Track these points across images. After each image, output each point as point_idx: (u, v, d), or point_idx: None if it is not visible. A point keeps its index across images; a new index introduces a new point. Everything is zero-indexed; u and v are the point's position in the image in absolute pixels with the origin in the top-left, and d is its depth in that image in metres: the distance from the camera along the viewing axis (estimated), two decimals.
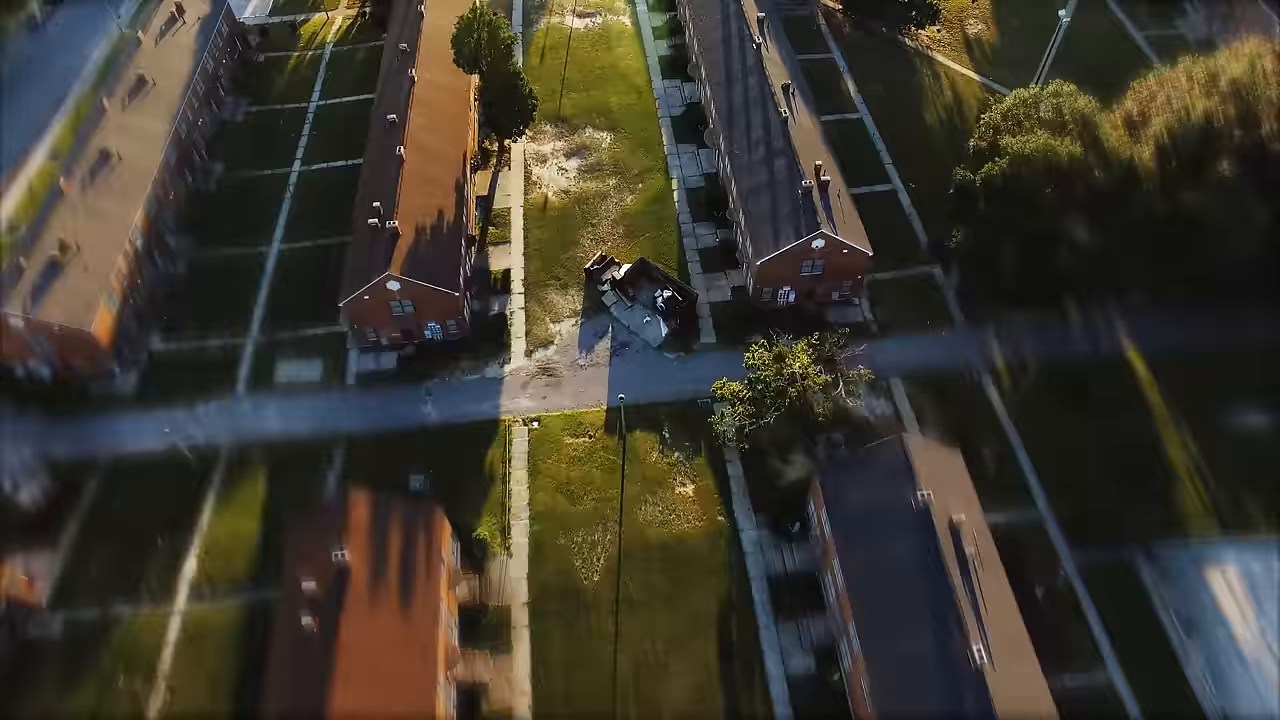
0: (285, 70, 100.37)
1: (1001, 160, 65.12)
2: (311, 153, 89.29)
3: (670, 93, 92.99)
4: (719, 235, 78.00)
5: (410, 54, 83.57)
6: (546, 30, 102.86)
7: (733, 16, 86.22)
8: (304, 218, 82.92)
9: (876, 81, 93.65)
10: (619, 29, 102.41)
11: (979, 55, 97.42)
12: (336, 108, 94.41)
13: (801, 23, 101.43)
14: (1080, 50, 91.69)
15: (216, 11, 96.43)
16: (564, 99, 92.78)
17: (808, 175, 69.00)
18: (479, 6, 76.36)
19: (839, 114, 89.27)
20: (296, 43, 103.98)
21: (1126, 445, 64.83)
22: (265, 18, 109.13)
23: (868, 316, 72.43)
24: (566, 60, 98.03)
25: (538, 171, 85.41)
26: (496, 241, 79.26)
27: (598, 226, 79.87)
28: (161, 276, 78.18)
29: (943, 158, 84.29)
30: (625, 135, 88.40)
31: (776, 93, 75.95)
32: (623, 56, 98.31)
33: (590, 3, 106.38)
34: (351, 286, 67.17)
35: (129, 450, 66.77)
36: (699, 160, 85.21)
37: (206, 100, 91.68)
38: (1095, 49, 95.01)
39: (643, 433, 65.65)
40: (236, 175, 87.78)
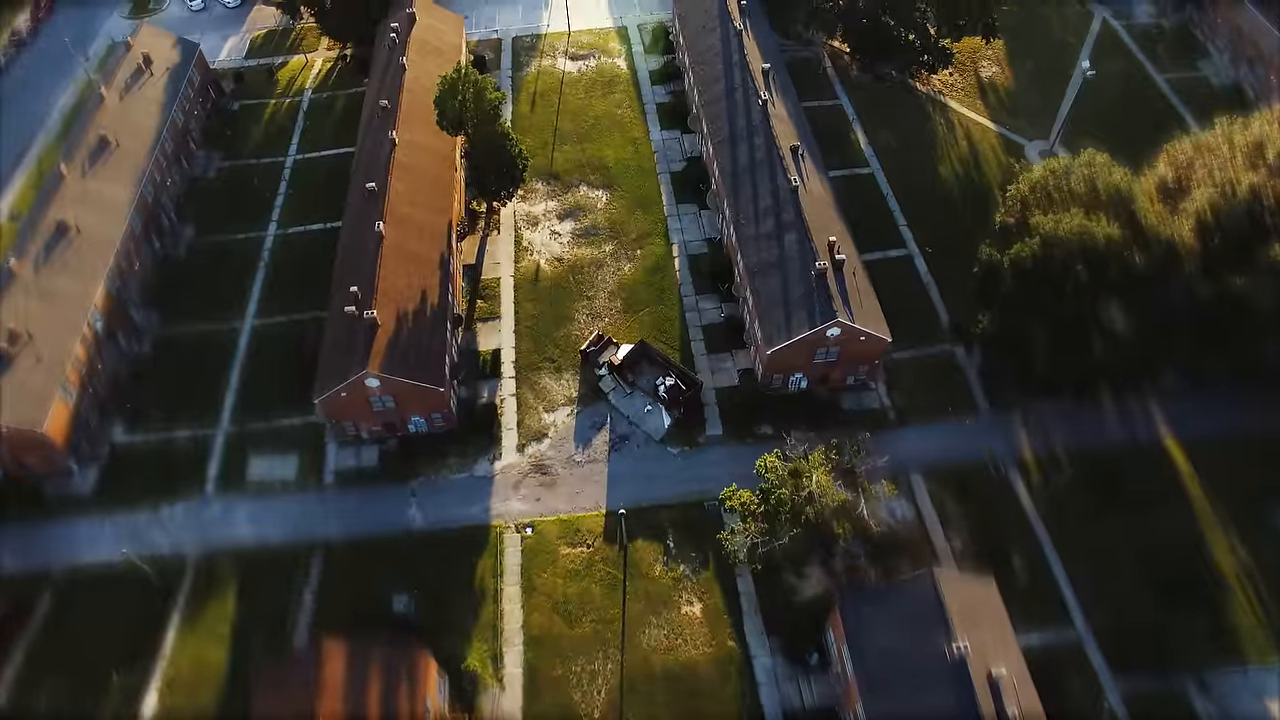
0: (261, 119, 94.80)
1: (1032, 240, 60.31)
2: (288, 214, 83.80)
3: (669, 145, 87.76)
4: (724, 310, 72.79)
5: (391, 111, 78.15)
6: (537, 74, 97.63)
7: (735, 67, 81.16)
8: (280, 289, 77.34)
9: (887, 130, 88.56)
10: (614, 72, 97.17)
11: (994, 101, 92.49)
12: (315, 162, 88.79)
13: (806, 66, 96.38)
14: (1099, 95, 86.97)
15: (187, 60, 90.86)
16: (556, 152, 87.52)
17: (821, 254, 64.06)
18: (464, 66, 71.08)
19: (849, 169, 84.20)
20: (274, 89, 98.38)
21: (1167, 546, 59.90)
22: (241, 61, 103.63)
23: (885, 402, 67.54)
24: (559, 107, 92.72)
25: (529, 236, 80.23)
26: (485, 317, 73.92)
27: (594, 299, 74.76)
28: (125, 356, 72.66)
29: (960, 218, 79.64)
30: (622, 194, 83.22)
31: (785, 157, 70.87)
32: (618, 103, 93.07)
33: (583, 43, 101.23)
34: (327, 383, 61.90)
35: (86, 561, 61.22)
36: (701, 223, 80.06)
37: (176, 157, 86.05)
38: (1115, 93, 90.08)
39: (645, 542, 60.54)
40: (208, 239, 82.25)
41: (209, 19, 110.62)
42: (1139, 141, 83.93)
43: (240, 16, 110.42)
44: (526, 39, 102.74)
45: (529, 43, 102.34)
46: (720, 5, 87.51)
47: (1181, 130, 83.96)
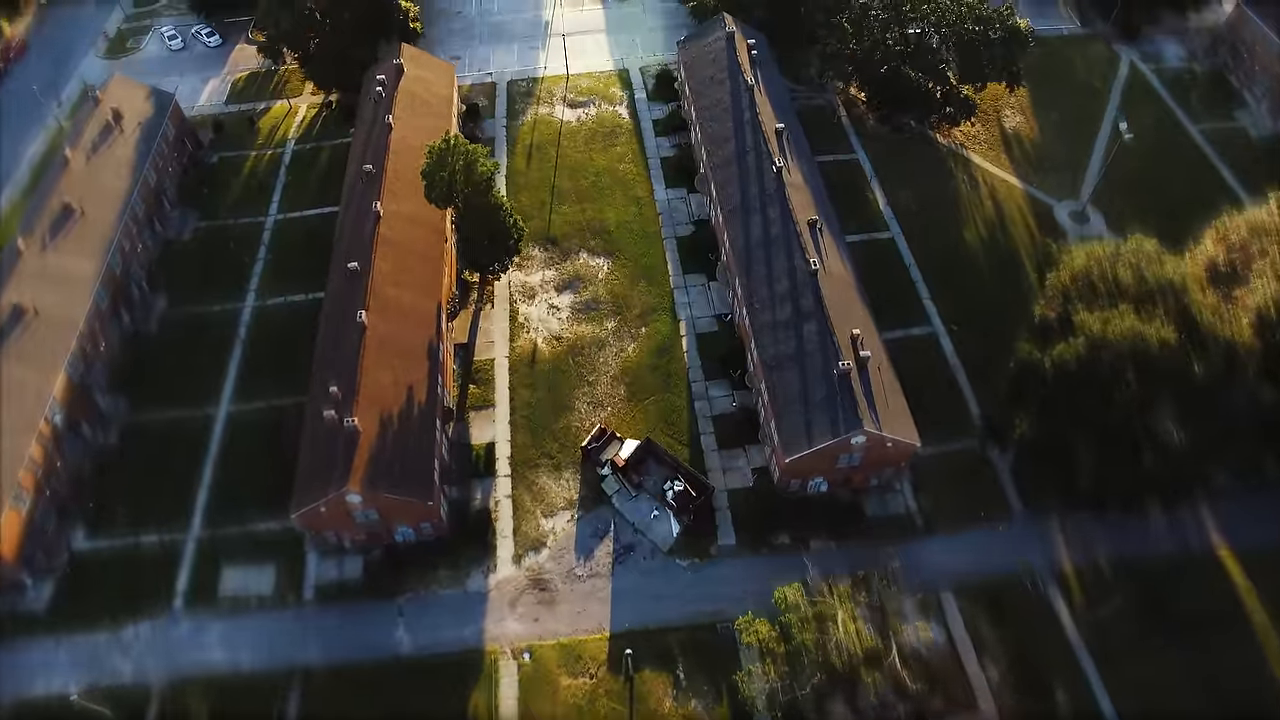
0: (241, 173, 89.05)
1: (1076, 341, 55.18)
2: (268, 282, 78.21)
3: (675, 206, 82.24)
4: (736, 400, 67.45)
5: (375, 177, 72.56)
6: (534, 123, 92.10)
7: (747, 125, 75.80)
8: (258, 369, 71.83)
9: (907, 189, 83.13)
10: (615, 122, 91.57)
11: (1019, 155, 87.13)
12: (297, 223, 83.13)
13: (819, 114, 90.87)
14: (1131, 148, 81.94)
15: (161, 112, 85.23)
16: (555, 213, 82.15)
17: (844, 350, 58.86)
18: (452, 136, 65.75)
19: (867, 233, 78.76)
20: (254, 139, 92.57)
21: (1228, 671, 54.66)
22: (221, 106, 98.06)
23: (911, 506, 62.32)
24: (557, 162, 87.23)
25: (525, 310, 74.74)
26: (478, 405, 68.63)
27: (595, 385, 69.49)
28: (89, 449, 67.08)
29: (987, 289, 74.35)
30: (625, 262, 77.74)
31: (803, 234, 65.67)
32: (620, 157, 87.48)
33: (582, 89, 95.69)
34: (305, 497, 56.56)
35: (37, 694, 55.92)
36: (710, 297, 74.51)
37: (148, 220, 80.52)
38: (1147, 145, 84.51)
39: (653, 672, 55.09)
40: (182, 311, 76.49)
41: (189, 59, 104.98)
42: (1175, 201, 79.39)
43: (221, 57, 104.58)
44: (522, 83, 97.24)
45: (525, 87, 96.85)
46: (729, 54, 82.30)
47: (1221, 192, 79.51)
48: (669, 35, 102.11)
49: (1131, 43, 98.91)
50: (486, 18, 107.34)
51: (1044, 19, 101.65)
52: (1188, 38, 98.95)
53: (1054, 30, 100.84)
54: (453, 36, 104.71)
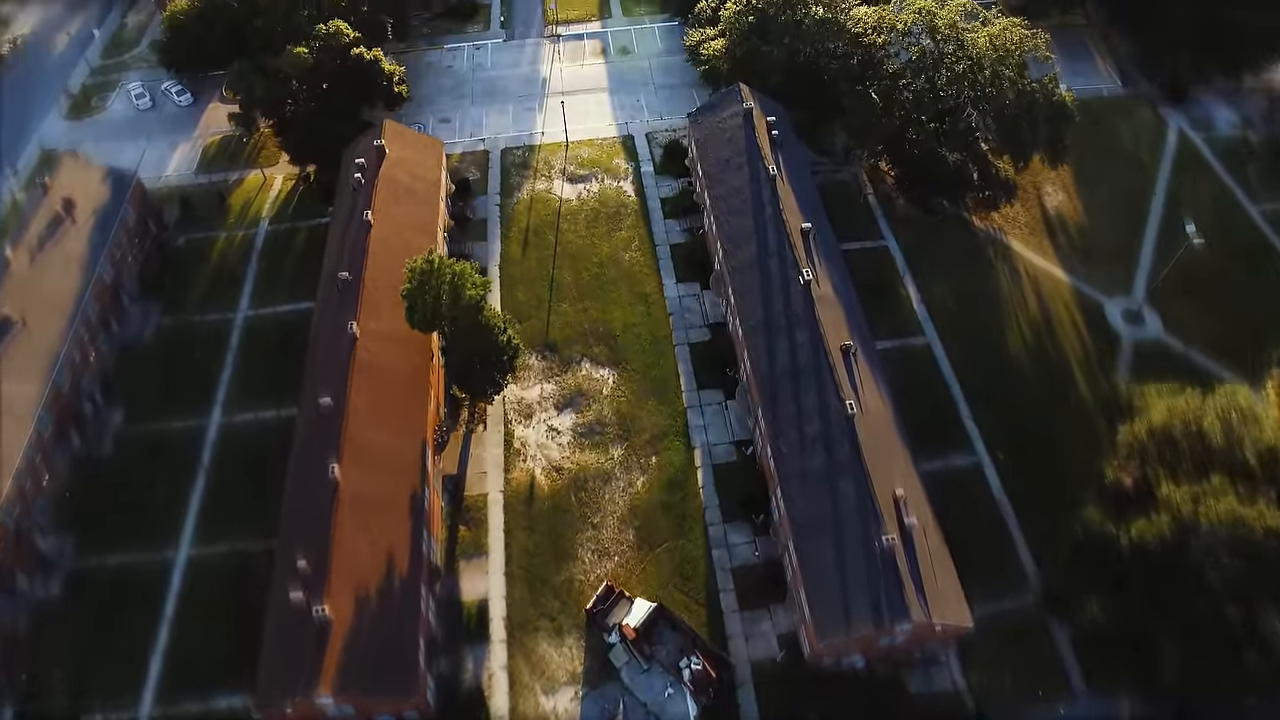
0: (210, 258, 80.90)
1: (1160, 519, 48.02)
2: (236, 395, 70.26)
3: (687, 304, 74.33)
4: (759, 549, 59.87)
5: (352, 287, 64.55)
6: (530, 201, 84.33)
7: (769, 225, 67.83)
8: (223, 502, 63.89)
9: (943, 283, 75.30)
10: (620, 200, 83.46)
11: (1063, 241, 79.44)
12: (269, 321, 75.03)
13: (844, 191, 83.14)
14: (1184, 229, 74.62)
15: (120, 195, 77.29)
16: (554, 313, 74.45)
17: (887, 519, 51.48)
18: (436, 256, 57.96)
19: (900, 338, 71.09)
20: (225, 217, 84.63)
21: None
22: (191, 177, 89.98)
23: (958, 681, 54.90)
24: (556, 249, 79.46)
25: (522, 433, 67.17)
26: (470, 552, 60.78)
27: (600, 528, 61.94)
28: (26, 603, 59.14)
29: (1036, 407, 66.45)
30: (632, 374, 69.97)
31: (838, 367, 57.99)
32: (626, 244, 79.36)
33: (583, 159, 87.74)
34: (269, 696, 48.91)
35: None
36: (728, 418, 66.92)
37: (103, 323, 72.83)
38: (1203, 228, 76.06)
39: None
40: (140, 429, 68.56)
41: (157, 119, 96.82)
42: (1240, 300, 72.00)
43: (193, 117, 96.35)
44: (518, 151, 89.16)
45: (521, 157, 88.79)
46: (747, 135, 74.38)
47: None
48: (676, 95, 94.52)
49: (1179, 106, 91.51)
50: (479, 73, 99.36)
51: (1081, 77, 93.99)
52: (1242, 101, 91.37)
53: (1093, 90, 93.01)
54: (442, 95, 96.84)
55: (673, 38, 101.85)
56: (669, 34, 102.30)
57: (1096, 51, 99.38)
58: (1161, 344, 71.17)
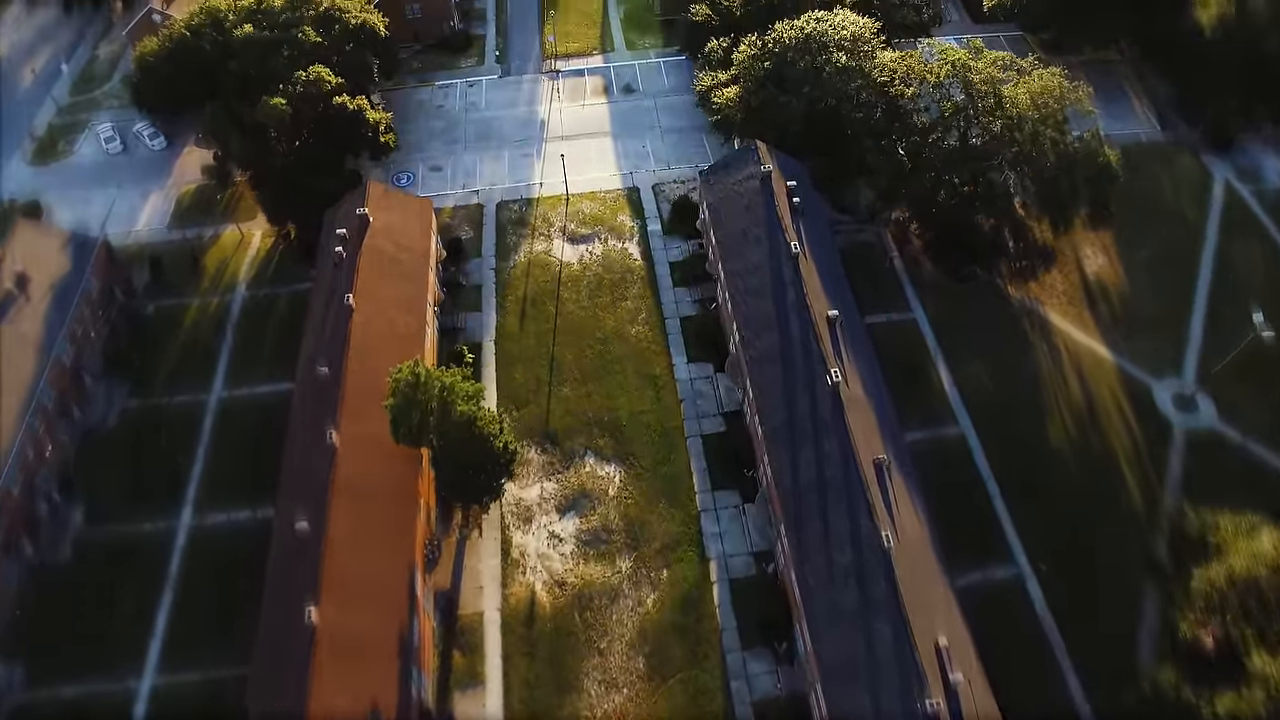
0: (181, 329, 74.43)
1: (1253, 694, 42.47)
2: (208, 489, 64.20)
3: (699, 389, 68.40)
4: (783, 682, 54.17)
5: (332, 386, 58.25)
6: (528, 265, 78.09)
7: (792, 311, 61.70)
8: (191, 620, 57.86)
9: (976, 362, 69.28)
10: (625, 264, 77.01)
11: (1104, 312, 73.44)
12: (245, 404, 68.83)
13: (868, 254, 76.82)
14: (1235, 296, 69.30)
15: (82, 264, 70.78)
16: (554, 397, 68.59)
17: (931, 681, 45.79)
18: (424, 369, 52.02)
19: (931, 428, 65.04)
20: (199, 281, 78.61)
21: None
22: (163, 232, 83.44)
23: None
24: (556, 322, 73.28)
25: (521, 540, 61.24)
26: (465, 682, 54.62)
27: (607, 655, 55.88)
28: None
29: (1080, 510, 60.88)
30: (641, 471, 63.78)
31: (871, 489, 51.96)
32: (632, 315, 73.02)
33: (585, 215, 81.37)
34: None
35: None
36: (745, 525, 61.03)
37: (61, 410, 66.51)
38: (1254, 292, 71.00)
39: None
40: (103, 531, 62.52)
41: (129, 164, 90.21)
42: None
43: (167, 162, 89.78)
44: (514, 205, 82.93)
45: (517, 211, 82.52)
46: (765, 203, 68.15)
47: None
48: (684, 140, 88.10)
49: (1224, 154, 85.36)
50: (473, 114, 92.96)
51: (1117, 120, 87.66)
52: None
53: (1130, 135, 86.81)
54: (433, 140, 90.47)
55: (680, 74, 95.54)
56: (676, 70, 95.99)
57: (1132, 91, 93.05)
58: (1216, 433, 65.46)
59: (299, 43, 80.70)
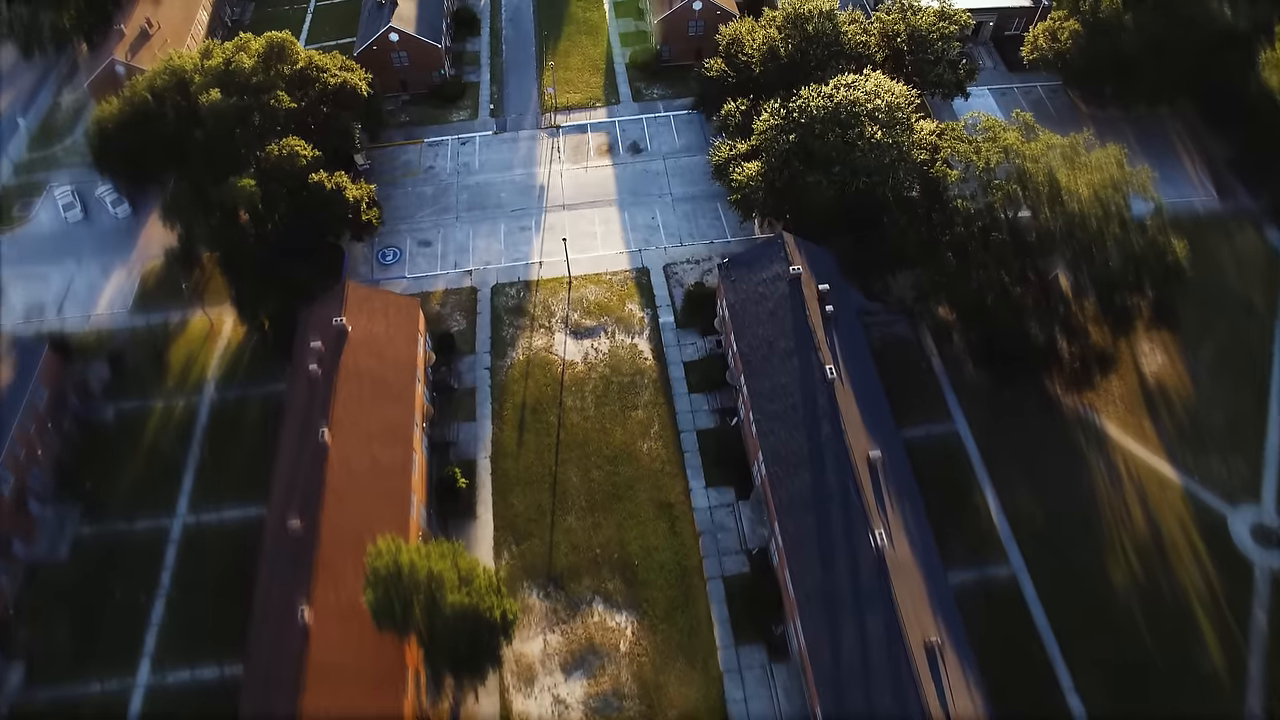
0: (143, 436, 66.82)
1: None
2: (169, 643, 56.66)
3: (720, 520, 60.78)
4: None
5: (305, 548, 50.50)
6: (527, 364, 70.56)
7: (828, 450, 53.43)
8: None
9: (1026, 484, 61.61)
10: (635, 364, 69.03)
11: (1167, 421, 66.00)
12: (212, 532, 61.26)
13: (902, 352, 69.06)
14: None
15: (27, 373, 62.81)
16: (558, 529, 61.04)
17: None
18: (407, 559, 44.20)
19: (978, 566, 57.72)
20: (163, 379, 71.13)
21: None
22: (125, 317, 75.27)
23: None
24: (559, 435, 65.76)
25: (522, 706, 53.22)
26: None
27: None
28: None
29: (1150, 667, 53.67)
30: (655, 622, 55.98)
31: (922, 673, 45.50)
32: (643, 428, 65.09)
33: (590, 301, 73.41)
34: None
35: None
36: (774, 693, 53.43)
37: (2, 546, 59.87)
38: None
39: None
40: (46, 694, 55.03)
41: (89, 235, 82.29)
42: None
43: (131, 232, 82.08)
44: (511, 289, 75.09)
45: (514, 297, 74.70)
46: (795, 312, 60.04)
47: None
48: (698, 210, 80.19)
49: None
50: (465, 177, 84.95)
51: (1169, 184, 79.72)
52: None
53: (1184, 203, 79.21)
54: (422, 207, 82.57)
55: (692, 130, 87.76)
56: (687, 126, 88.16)
57: (1183, 149, 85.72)
58: None
59: (271, 110, 73.34)
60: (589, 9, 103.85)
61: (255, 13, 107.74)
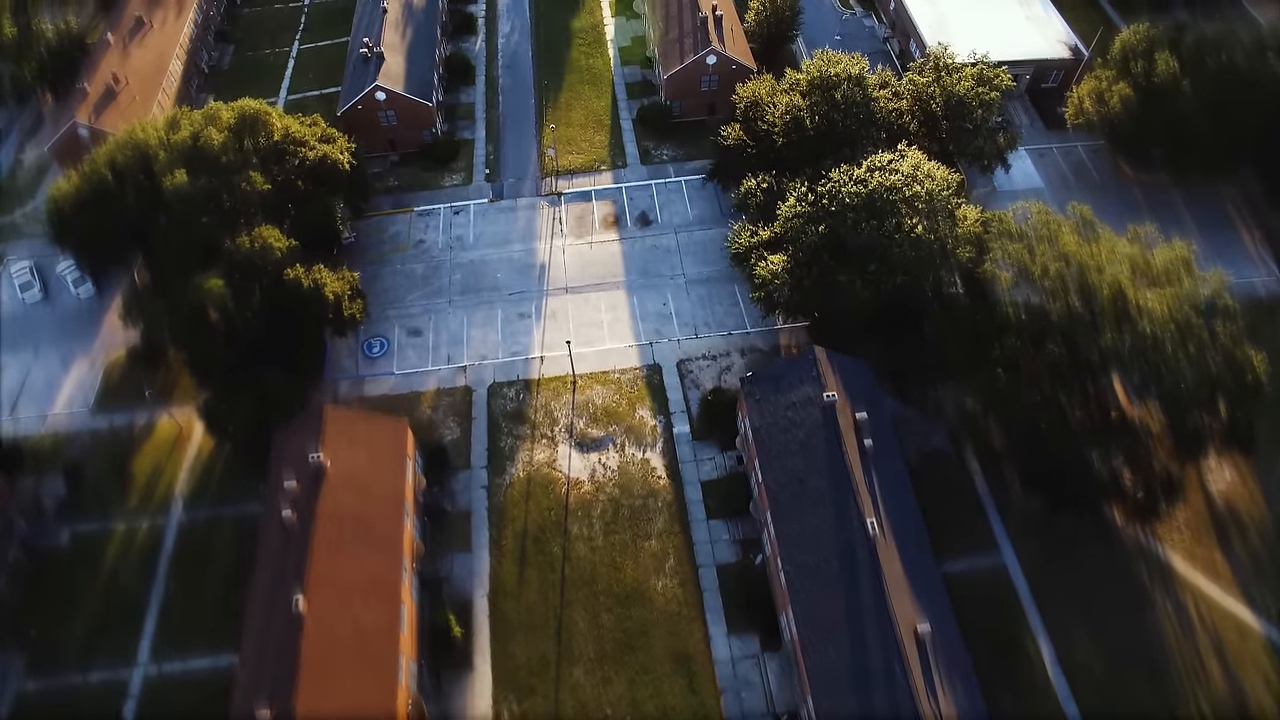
0: (101, 565, 59.91)
1: None
2: None
3: (744, 675, 53.65)
4: None
5: None
6: (528, 482, 63.47)
7: (869, 618, 46.78)
8: None
9: (1082, 628, 54.68)
10: (647, 483, 61.82)
11: (1241, 554, 58.69)
12: (177, 685, 54.00)
13: (942, 472, 61.90)
14: None
15: None
16: (563, 685, 53.32)
17: None
18: None
19: None
20: (125, 495, 64.63)
21: None
22: (86, 418, 68.02)
23: None
24: (564, 570, 59.42)
25: None
26: None
27: None
28: None
29: None
30: None
31: None
32: (658, 562, 58.16)
33: (596, 409, 66.01)
34: None
35: None
36: None
37: None
38: None
39: None
40: None
41: (50, 318, 74.89)
42: None
43: (95, 315, 74.77)
44: (510, 390, 68.11)
45: (514, 399, 67.56)
46: (829, 445, 52.97)
47: None
48: (714, 294, 73.00)
49: None
50: (458, 253, 77.73)
51: (1225, 262, 71.89)
52: None
53: (1243, 285, 72.02)
54: (412, 289, 75.16)
55: (706, 199, 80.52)
56: (701, 194, 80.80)
57: (1241, 221, 79.04)
58: None
59: (244, 194, 66.54)
60: (592, 55, 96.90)
61: (234, 58, 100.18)
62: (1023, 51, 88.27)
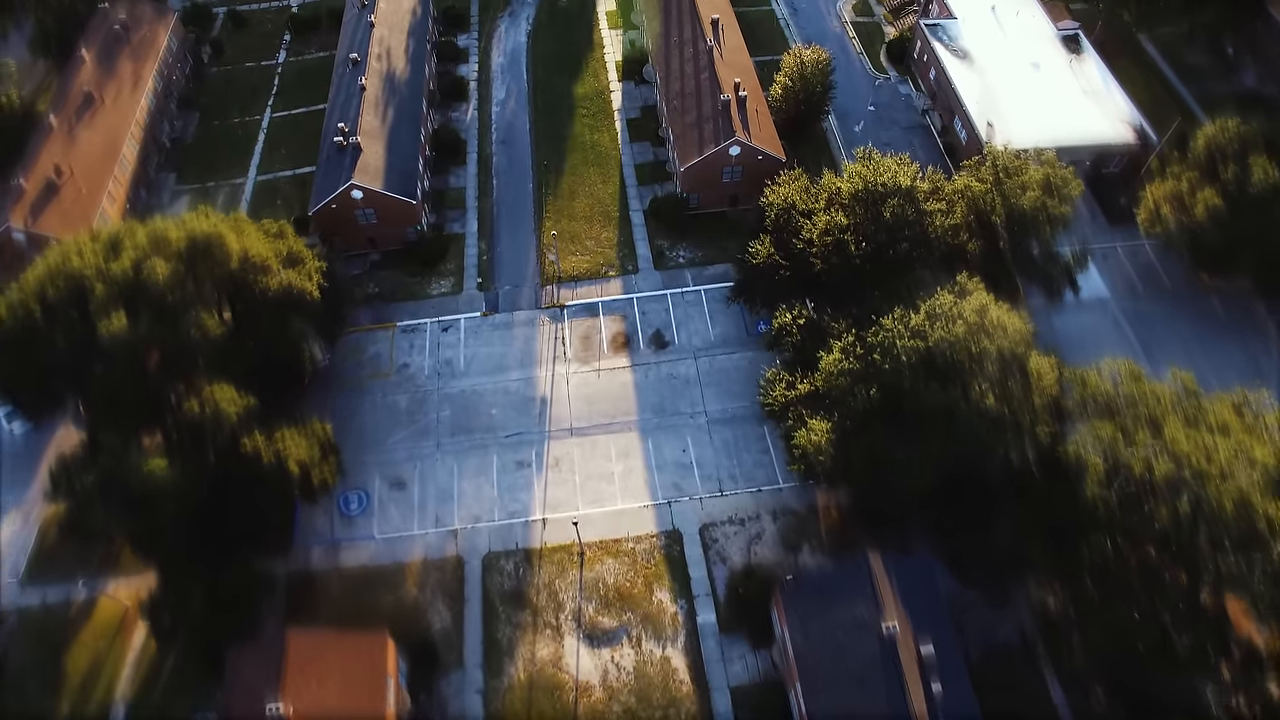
0: None
1: None
2: None
3: None
4: None
5: None
6: (530, 688, 53.32)
7: None
8: None
9: None
10: (667, 690, 52.18)
11: None
12: None
13: (1008, 667, 52.13)
14: None
15: None
16: None
17: None
18: None
19: None
20: (57, 693, 55.14)
21: None
22: (15, 590, 58.18)
23: None
24: None
25: None
26: None
27: None
28: None
29: None
30: None
31: None
32: None
33: (608, 591, 56.05)
34: None
35: None
36: None
37: None
38: None
39: None
40: None
41: None
42: None
43: (31, 456, 65.02)
44: (507, 563, 58.27)
45: (512, 574, 57.72)
46: (891, 686, 43.88)
47: None
48: (741, 436, 63.34)
49: None
50: (447, 381, 67.78)
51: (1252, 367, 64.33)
52: None
53: None
54: (394, 428, 65.26)
55: (730, 317, 70.49)
56: (725, 312, 70.54)
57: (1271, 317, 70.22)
58: None
59: (193, 343, 57.08)
60: (597, 128, 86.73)
61: (200, 128, 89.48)
62: (1082, 135, 78.15)
